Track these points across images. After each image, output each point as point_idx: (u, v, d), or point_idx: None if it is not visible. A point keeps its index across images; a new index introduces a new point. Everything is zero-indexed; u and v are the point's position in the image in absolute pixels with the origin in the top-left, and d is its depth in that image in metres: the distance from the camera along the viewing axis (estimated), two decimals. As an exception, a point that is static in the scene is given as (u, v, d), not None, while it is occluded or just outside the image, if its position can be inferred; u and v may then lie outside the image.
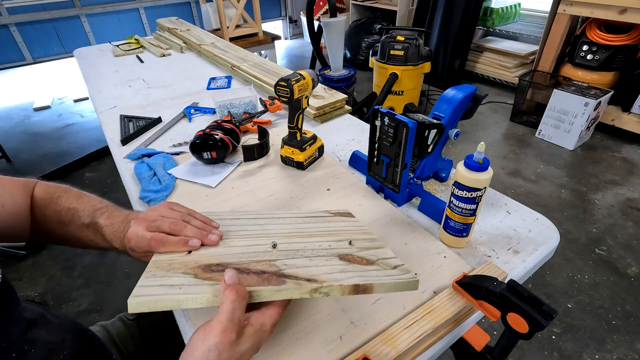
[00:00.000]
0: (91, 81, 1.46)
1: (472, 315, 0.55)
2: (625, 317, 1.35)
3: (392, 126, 0.66)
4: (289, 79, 0.75)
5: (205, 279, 0.41)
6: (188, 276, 0.42)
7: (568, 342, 1.28)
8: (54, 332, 0.45)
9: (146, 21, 3.65)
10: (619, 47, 2.29)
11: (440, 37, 3.02)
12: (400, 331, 0.49)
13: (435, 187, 0.80)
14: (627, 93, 2.31)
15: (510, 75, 3.00)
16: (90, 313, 1.45)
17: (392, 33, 2.27)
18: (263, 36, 3.10)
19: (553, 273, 1.53)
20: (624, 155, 2.27)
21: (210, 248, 0.48)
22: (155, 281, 0.41)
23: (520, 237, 0.67)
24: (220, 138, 0.86)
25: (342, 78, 2.43)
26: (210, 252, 0.47)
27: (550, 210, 1.85)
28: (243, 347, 0.37)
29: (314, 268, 0.45)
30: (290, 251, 0.49)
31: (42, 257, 1.72)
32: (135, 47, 1.82)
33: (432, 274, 0.59)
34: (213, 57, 1.59)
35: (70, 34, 3.36)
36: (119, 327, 0.72)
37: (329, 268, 0.45)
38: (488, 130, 2.60)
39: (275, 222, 0.58)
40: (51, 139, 2.72)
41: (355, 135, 1.02)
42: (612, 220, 1.78)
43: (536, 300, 0.42)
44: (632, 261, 1.57)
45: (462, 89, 0.69)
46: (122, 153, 0.97)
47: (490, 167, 0.56)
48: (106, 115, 1.18)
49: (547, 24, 2.49)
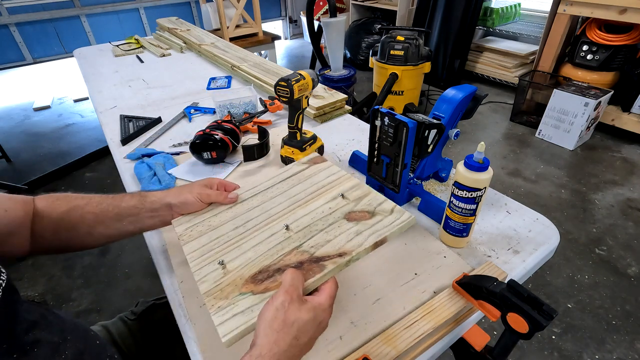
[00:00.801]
0: (91, 81, 1.46)
1: (472, 315, 0.55)
2: (625, 317, 1.35)
3: (392, 126, 0.66)
4: (289, 79, 0.75)
5: (263, 292, 0.45)
6: (247, 295, 0.45)
7: (568, 342, 1.28)
8: (55, 332, 0.45)
9: (146, 21, 3.65)
10: (619, 47, 2.29)
11: (440, 37, 3.02)
12: (400, 331, 0.49)
13: (435, 187, 0.80)
14: (627, 93, 2.31)
15: (510, 75, 3.00)
16: (91, 313, 1.45)
17: (392, 33, 2.27)
18: (263, 36, 3.10)
19: (553, 273, 1.53)
20: (624, 155, 2.27)
21: (239, 256, 0.51)
22: (226, 313, 0.43)
23: (520, 237, 0.67)
24: (220, 138, 0.86)
25: (342, 78, 2.43)
26: (243, 262, 0.50)
27: (550, 210, 1.85)
28: (305, 315, 0.41)
29: (335, 240, 0.51)
30: (304, 229, 0.53)
31: (42, 257, 1.72)
32: (135, 47, 1.82)
33: (432, 274, 0.59)
34: (213, 57, 1.59)
35: (70, 34, 3.36)
36: (120, 327, 0.72)
37: (346, 235, 0.51)
38: (488, 130, 2.60)
39: (267, 198, 0.61)
40: (51, 139, 2.72)
41: (355, 135, 1.02)
42: (612, 220, 1.78)
43: (536, 300, 0.42)
44: (632, 261, 1.57)
45: (462, 89, 0.69)
46: (122, 153, 0.97)
47: (490, 167, 0.56)
48: (106, 115, 1.18)
49: (547, 24, 2.49)
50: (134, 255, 1.71)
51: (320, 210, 0.57)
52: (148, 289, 1.54)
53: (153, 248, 0.68)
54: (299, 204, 0.59)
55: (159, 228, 0.61)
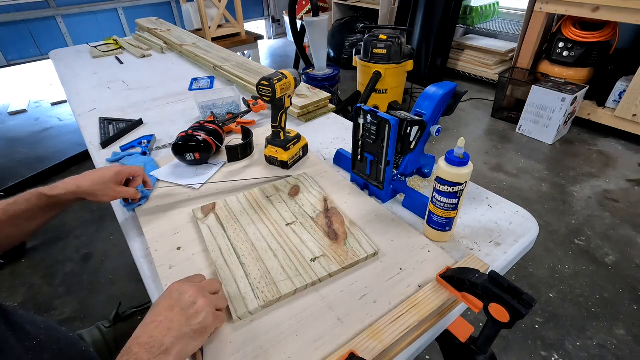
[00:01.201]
0: (68, 83, 1.42)
1: (456, 308, 0.56)
2: (604, 304, 1.40)
3: (374, 124, 0.66)
4: (270, 78, 0.75)
5: None
6: None
7: (550, 331, 1.32)
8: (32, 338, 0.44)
9: (125, 22, 3.57)
10: (593, 44, 2.36)
11: (422, 35, 3.06)
12: (385, 326, 0.49)
13: (418, 183, 0.81)
14: (601, 88, 2.39)
15: (490, 72, 3.06)
16: (74, 321, 1.42)
17: (375, 32, 2.28)
18: (246, 36, 3.08)
19: (535, 264, 1.57)
20: (599, 148, 2.35)
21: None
22: None
23: (501, 229, 0.68)
24: (203, 139, 0.85)
25: (327, 77, 2.44)
26: None
27: (531, 203, 1.90)
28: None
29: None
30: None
31: (20, 266, 1.66)
32: (114, 48, 1.78)
33: (416, 268, 0.60)
34: (195, 58, 1.57)
35: (45, 36, 3.25)
36: (95, 335, 0.71)
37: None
38: (470, 127, 2.65)
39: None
40: (28, 144, 2.64)
41: (339, 133, 1.02)
42: (590, 211, 1.84)
43: (516, 290, 0.43)
44: (609, 250, 1.62)
45: (442, 86, 0.70)
46: (102, 157, 0.95)
47: (471, 162, 0.57)
48: (85, 118, 1.15)
49: (525, 22, 2.56)
50: (118, 261, 1.67)
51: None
52: (133, 294, 1.51)
53: (136, 253, 0.67)
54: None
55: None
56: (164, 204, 0.76)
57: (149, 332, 0.42)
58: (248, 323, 0.52)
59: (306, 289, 0.56)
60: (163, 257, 0.63)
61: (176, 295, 0.46)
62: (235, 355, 0.48)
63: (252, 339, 0.50)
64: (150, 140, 0.98)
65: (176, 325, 0.43)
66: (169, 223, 0.70)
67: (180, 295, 0.46)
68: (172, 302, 0.45)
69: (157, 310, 0.44)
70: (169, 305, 0.45)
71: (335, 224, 0.67)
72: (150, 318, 0.43)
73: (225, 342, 0.49)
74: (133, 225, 0.73)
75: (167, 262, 0.62)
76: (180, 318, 0.44)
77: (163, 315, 0.43)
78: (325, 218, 0.68)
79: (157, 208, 0.74)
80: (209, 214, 0.71)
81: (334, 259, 0.60)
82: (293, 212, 0.70)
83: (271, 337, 0.50)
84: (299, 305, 0.54)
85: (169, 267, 0.60)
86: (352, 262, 0.59)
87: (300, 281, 0.56)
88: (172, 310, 0.44)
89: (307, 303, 0.55)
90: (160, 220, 0.71)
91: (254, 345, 0.49)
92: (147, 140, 0.97)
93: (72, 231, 1.84)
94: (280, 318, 0.52)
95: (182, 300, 0.45)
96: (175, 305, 0.45)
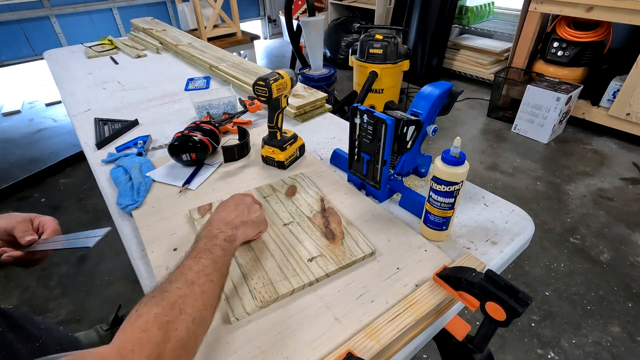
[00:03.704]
0: (63, 84, 1.41)
1: (453, 307, 0.56)
2: (599, 302, 1.41)
3: (371, 123, 0.67)
4: (266, 79, 0.75)
5: None
6: None
7: (546, 329, 1.33)
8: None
9: (120, 22, 3.55)
10: (587, 44, 2.38)
11: (418, 35, 3.07)
12: (383, 325, 0.49)
13: (415, 183, 0.81)
14: (595, 87, 2.41)
15: (486, 72, 3.08)
16: (70, 323, 1.40)
17: (371, 32, 2.29)
18: (242, 36, 3.07)
19: (531, 263, 1.58)
20: (594, 147, 2.36)
21: None
22: None
23: (497, 228, 0.69)
24: (199, 139, 0.84)
25: (323, 77, 2.44)
26: None
27: (527, 202, 1.91)
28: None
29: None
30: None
31: (15, 268, 1.64)
32: (109, 48, 1.77)
33: (413, 267, 0.60)
34: (190, 58, 1.56)
35: (39, 36, 3.22)
36: (93, 338, 0.71)
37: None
38: (466, 126, 2.66)
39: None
40: (22, 145, 2.61)
41: (336, 133, 1.02)
42: (585, 210, 1.86)
43: (512, 289, 0.43)
44: (604, 248, 1.64)
45: (438, 85, 0.71)
46: (97, 157, 0.94)
47: (467, 161, 0.57)
48: (80, 118, 1.14)
49: (520, 22, 2.57)
50: (114, 262, 1.66)
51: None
52: (130, 295, 1.50)
53: (132, 254, 0.67)
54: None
55: None
56: (160, 204, 0.75)
57: (223, 215, 0.57)
58: (245, 324, 0.52)
59: (303, 289, 0.56)
60: (159, 258, 0.63)
61: (239, 197, 0.63)
62: (232, 356, 0.48)
63: (250, 339, 0.50)
64: (146, 141, 0.97)
65: (242, 214, 0.59)
66: (165, 224, 0.70)
67: (242, 197, 0.63)
68: (237, 201, 0.61)
69: (227, 204, 0.60)
70: (234, 203, 0.61)
71: (332, 223, 0.67)
72: (222, 208, 0.59)
73: (223, 343, 0.49)
74: (129, 226, 0.72)
75: (164, 263, 0.61)
76: (244, 211, 0.60)
77: (231, 207, 0.59)
78: (322, 218, 0.68)
79: (153, 209, 0.74)
80: (205, 214, 0.70)
81: (331, 259, 0.60)
82: (290, 212, 0.70)
83: (269, 338, 0.50)
84: (296, 305, 0.54)
85: (166, 268, 0.60)
86: (349, 261, 0.59)
87: (297, 281, 0.56)
88: (238, 206, 0.60)
89: (304, 303, 0.55)
90: (157, 221, 0.71)
91: (251, 346, 0.49)
92: (143, 141, 0.97)
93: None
94: (278, 318, 0.52)
95: (244, 201, 0.62)
96: (240, 203, 0.61)
